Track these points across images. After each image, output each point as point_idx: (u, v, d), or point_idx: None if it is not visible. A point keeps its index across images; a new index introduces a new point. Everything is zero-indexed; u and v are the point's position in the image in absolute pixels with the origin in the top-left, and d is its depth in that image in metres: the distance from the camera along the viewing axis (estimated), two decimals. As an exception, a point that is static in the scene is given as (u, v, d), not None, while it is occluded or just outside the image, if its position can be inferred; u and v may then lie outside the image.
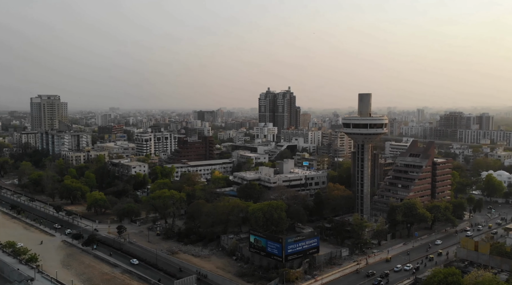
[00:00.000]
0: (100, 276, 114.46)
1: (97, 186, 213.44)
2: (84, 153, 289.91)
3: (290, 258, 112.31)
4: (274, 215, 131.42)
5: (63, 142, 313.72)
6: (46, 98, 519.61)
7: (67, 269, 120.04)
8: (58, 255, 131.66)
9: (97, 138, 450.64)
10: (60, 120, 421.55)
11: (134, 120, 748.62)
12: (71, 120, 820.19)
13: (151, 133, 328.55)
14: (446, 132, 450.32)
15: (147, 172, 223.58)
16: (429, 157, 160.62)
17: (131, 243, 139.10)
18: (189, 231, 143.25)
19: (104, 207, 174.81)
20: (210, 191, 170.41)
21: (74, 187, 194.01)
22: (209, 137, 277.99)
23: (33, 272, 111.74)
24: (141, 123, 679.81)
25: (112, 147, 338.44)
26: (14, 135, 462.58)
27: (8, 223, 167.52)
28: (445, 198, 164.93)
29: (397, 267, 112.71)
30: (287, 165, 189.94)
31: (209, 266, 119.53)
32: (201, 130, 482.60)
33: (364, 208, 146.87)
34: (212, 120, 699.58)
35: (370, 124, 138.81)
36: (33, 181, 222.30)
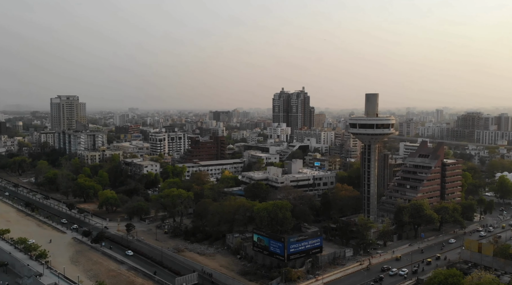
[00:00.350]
0: (107, 273, 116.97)
1: (110, 185, 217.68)
2: (99, 152, 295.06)
3: (293, 257, 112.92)
4: (279, 214, 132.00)
5: (79, 141, 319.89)
6: (65, 99, 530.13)
7: (75, 265, 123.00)
8: (67, 251, 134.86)
9: (113, 138, 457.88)
10: (77, 120, 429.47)
11: (151, 121, 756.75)
12: (90, 120, 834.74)
13: (165, 133, 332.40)
14: (463, 133, 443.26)
15: (158, 171, 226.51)
16: (438, 158, 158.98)
17: (139, 241, 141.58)
18: (196, 229, 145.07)
19: (115, 205, 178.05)
20: (218, 190, 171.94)
21: (87, 186, 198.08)
22: (220, 137, 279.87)
23: (42, 268, 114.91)
24: (158, 124, 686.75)
25: (127, 146, 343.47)
26: (33, 135, 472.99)
27: (23, 220, 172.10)
28: (455, 199, 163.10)
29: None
30: (295, 165, 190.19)
31: (213, 264, 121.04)
32: (215, 130, 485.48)
33: (371, 209, 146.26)
34: (228, 120, 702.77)
35: (376, 125, 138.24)
36: (49, 180, 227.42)
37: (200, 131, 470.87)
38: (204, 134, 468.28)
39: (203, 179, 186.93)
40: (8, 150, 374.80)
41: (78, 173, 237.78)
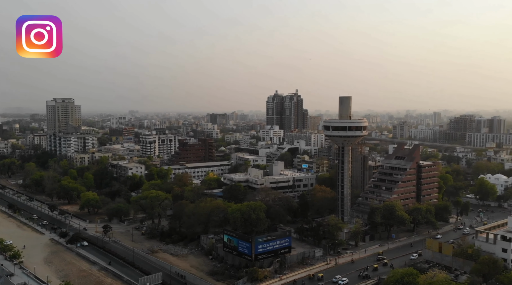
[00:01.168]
0: (77, 273, 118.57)
1: (95, 187, 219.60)
2: (88, 155, 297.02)
3: (260, 257, 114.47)
4: (252, 215, 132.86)
5: (69, 144, 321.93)
6: (60, 102, 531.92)
7: (48, 266, 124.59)
8: (43, 252, 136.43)
9: (107, 140, 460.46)
10: (68, 123, 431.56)
11: (148, 123, 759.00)
12: (88, 122, 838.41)
13: (156, 135, 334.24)
14: (455, 136, 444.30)
15: (143, 173, 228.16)
16: (414, 160, 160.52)
17: (115, 242, 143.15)
18: (172, 230, 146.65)
19: (96, 207, 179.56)
20: (198, 192, 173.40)
21: (70, 187, 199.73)
22: (208, 140, 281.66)
23: (14, 268, 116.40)
24: (154, 126, 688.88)
25: (118, 148, 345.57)
26: (27, 137, 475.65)
27: (4, 221, 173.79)
28: (432, 201, 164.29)
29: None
30: (276, 167, 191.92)
31: (183, 265, 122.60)
32: (209, 132, 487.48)
33: (345, 209, 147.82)
34: (224, 123, 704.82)
35: (349, 127, 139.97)
36: (35, 181, 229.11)
37: (194, 133, 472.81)
38: (198, 136, 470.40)
39: (185, 180, 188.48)
40: (0, 152, 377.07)
41: (66, 174, 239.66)
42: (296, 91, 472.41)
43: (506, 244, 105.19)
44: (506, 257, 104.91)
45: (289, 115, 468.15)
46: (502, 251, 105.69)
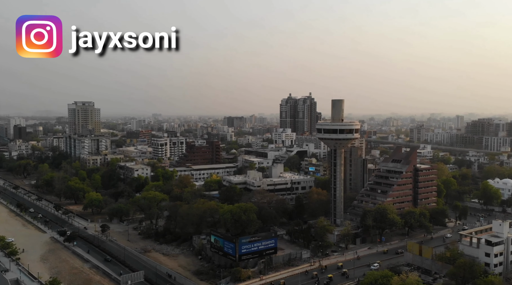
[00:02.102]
0: (69, 270, 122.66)
1: (103, 187, 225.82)
2: (100, 156, 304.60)
3: (245, 258, 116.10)
4: (243, 217, 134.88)
5: (83, 146, 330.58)
6: (81, 105, 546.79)
7: (43, 263, 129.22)
8: (41, 249, 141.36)
9: (123, 142, 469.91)
10: (82, 125, 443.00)
11: (167, 126, 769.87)
12: (110, 125, 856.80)
13: (167, 138, 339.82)
14: (472, 140, 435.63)
15: (149, 175, 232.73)
16: (410, 163, 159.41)
17: (111, 241, 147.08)
18: (166, 231, 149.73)
19: (99, 207, 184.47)
20: (197, 193, 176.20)
21: (77, 188, 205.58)
22: (215, 142, 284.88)
23: (9, 264, 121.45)
24: (173, 129, 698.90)
25: (131, 150, 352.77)
26: (47, 139, 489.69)
27: (11, 220, 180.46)
28: (430, 205, 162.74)
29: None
30: (275, 169, 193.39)
31: (172, 264, 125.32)
32: (224, 135, 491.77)
33: (337, 212, 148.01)
34: (241, 126, 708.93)
35: (339, 130, 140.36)
36: (46, 182, 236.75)
37: (209, 136, 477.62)
38: (211, 139, 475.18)
39: (185, 182, 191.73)
40: (20, 153, 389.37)
41: (77, 175, 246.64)
42: (310, 94, 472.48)
43: (489, 248, 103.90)
44: (489, 261, 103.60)
45: (302, 118, 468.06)
46: (485, 255, 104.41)
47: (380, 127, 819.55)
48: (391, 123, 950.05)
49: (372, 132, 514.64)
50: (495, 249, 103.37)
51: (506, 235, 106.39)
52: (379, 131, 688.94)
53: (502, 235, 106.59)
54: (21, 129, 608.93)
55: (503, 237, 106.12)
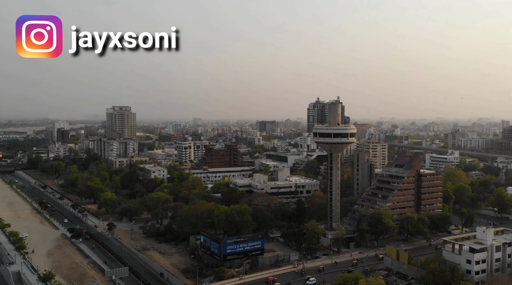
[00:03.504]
0: (69, 265, 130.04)
1: (121, 188, 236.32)
2: (127, 158, 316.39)
3: (230, 258, 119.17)
4: (236, 218, 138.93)
5: (111, 148, 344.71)
6: (118, 109, 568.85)
7: (48, 257, 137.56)
8: (49, 245, 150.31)
9: (153, 146, 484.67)
10: (112, 129, 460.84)
11: (202, 130, 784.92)
12: (148, 129, 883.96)
13: (191, 141, 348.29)
14: (508, 145, 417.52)
15: (165, 176, 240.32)
16: (412, 168, 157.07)
17: (115, 239, 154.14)
18: (167, 230, 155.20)
19: (112, 206, 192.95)
20: (203, 194, 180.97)
21: (95, 188, 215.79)
22: (233, 146, 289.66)
23: (15, 257, 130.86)
24: (207, 133, 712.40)
25: (158, 153, 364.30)
26: (84, 142, 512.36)
27: (31, 217, 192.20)
28: (434, 211, 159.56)
29: None
30: (282, 172, 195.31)
31: (164, 262, 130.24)
32: (252, 139, 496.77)
33: (333, 216, 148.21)
34: (273, 130, 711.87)
35: (334, 134, 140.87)
36: (70, 182, 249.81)
37: (236, 140, 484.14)
38: (239, 143, 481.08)
39: (195, 184, 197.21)
40: (56, 155, 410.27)
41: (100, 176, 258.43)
42: (338, 98, 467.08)
43: (470, 255, 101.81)
44: (470, 268, 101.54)
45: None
46: (466, 262, 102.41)
47: (418, 133, 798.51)
48: (431, 128, 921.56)
49: (403, 137, 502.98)
50: (476, 256, 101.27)
51: (490, 242, 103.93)
52: (416, 136, 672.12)
53: (486, 242, 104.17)
54: (64, 132, 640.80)
55: (487, 244, 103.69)
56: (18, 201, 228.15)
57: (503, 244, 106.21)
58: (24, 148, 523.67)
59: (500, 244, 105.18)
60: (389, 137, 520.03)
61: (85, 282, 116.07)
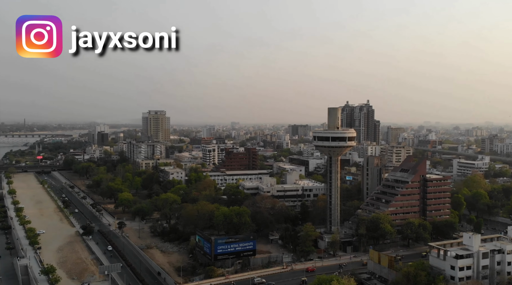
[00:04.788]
0: (74, 260, 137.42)
1: (142, 189, 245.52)
2: (153, 161, 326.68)
3: (220, 258, 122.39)
4: (234, 219, 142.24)
5: (140, 151, 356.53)
6: (153, 114, 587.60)
7: (57, 253, 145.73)
8: (62, 241, 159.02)
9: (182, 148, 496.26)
10: (142, 132, 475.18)
11: (235, 134, 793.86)
12: (183, 132, 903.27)
13: (215, 144, 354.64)
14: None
15: (183, 178, 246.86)
16: (416, 173, 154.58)
17: (123, 237, 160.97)
18: (171, 230, 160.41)
19: (128, 206, 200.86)
20: (212, 196, 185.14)
21: (115, 188, 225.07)
22: (252, 149, 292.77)
23: (31, 252, 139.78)
24: (239, 137, 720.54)
25: (184, 156, 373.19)
26: (119, 145, 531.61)
27: (53, 214, 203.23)
28: (441, 217, 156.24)
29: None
30: (291, 176, 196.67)
31: (162, 260, 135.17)
32: (280, 143, 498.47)
33: (333, 219, 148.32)
34: (305, 133, 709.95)
35: (331, 138, 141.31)
36: (96, 182, 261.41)
37: (264, 143, 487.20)
38: (266, 146, 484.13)
39: (206, 186, 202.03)
40: (91, 157, 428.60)
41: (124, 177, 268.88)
42: (367, 101, 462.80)
43: (454, 261, 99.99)
44: (454, 274, 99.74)
45: (358, 126, 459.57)
46: (450, 268, 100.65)
47: (458, 137, 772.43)
48: (474, 133, 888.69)
49: (437, 142, 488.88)
50: (460, 262, 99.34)
51: (476, 249, 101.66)
52: (455, 141, 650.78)
53: (472, 248, 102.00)
54: (104, 135, 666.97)
55: (473, 250, 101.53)
56: (46, 199, 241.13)
57: (492, 251, 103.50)
58: (65, 150, 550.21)
59: (488, 250, 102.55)
60: (422, 142, 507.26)
61: (84, 276, 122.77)
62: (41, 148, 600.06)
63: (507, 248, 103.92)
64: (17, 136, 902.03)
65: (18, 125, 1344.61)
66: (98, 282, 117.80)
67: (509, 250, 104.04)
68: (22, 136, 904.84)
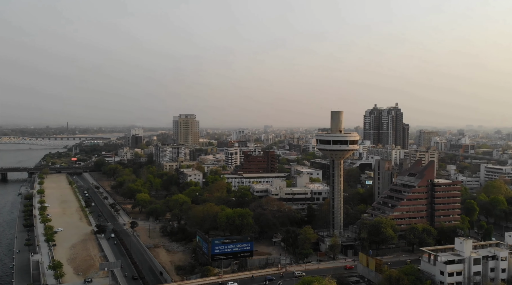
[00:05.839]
0: (84, 257, 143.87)
1: (162, 190, 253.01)
2: (176, 163, 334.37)
3: (217, 258, 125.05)
4: (236, 221, 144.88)
5: (165, 153, 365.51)
6: (183, 117, 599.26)
7: (70, 249, 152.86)
8: (77, 239, 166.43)
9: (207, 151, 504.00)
10: (168, 135, 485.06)
11: (265, 137, 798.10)
12: (214, 135, 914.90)
13: (237, 147, 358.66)
14: None
15: (201, 180, 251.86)
16: (423, 177, 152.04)
17: (134, 236, 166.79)
18: (179, 230, 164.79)
19: (145, 206, 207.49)
20: (222, 198, 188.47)
21: (135, 189, 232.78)
22: (270, 152, 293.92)
23: (41, 249, 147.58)
24: (268, 140, 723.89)
25: (208, 158, 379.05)
26: (149, 147, 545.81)
27: (74, 213, 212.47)
28: (450, 223, 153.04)
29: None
30: (301, 179, 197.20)
31: (165, 259, 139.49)
32: (306, 146, 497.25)
33: (336, 223, 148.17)
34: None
35: (333, 141, 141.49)
36: (119, 183, 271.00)
37: (290, 146, 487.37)
38: (292, 149, 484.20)
39: (219, 187, 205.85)
40: (121, 159, 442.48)
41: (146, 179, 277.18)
42: (396, 104, 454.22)
43: (443, 266, 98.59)
44: (443, 280, 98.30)
45: (386, 130, 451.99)
46: (440, 274, 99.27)
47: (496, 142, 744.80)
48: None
49: (469, 146, 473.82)
50: (449, 267, 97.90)
51: (468, 254, 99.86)
52: (493, 145, 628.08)
53: (463, 253, 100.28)
54: (138, 138, 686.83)
55: (464, 256, 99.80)
56: (71, 199, 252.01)
57: (485, 257, 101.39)
58: (100, 152, 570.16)
59: (480, 256, 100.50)
60: (454, 146, 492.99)
61: (89, 272, 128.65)
62: (77, 150, 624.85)
63: (501, 255, 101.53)
64: (60, 139, 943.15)
65: (62, 129, 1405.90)
66: (100, 278, 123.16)
67: (503, 256, 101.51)
68: (64, 139, 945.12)
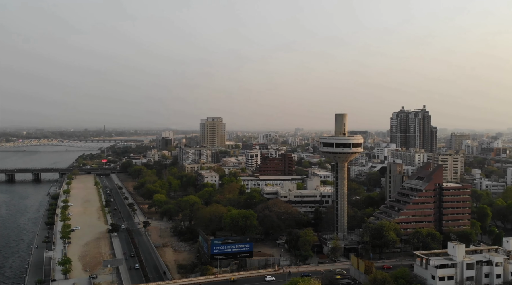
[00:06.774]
0: (94, 254, 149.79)
1: (180, 191, 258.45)
2: (197, 165, 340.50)
3: (217, 258, 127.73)
4: (240, 222, 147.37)
5: (187, 155, 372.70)
6: (210, 120, 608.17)
7: (83, 247, 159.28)
8: (92, 237, 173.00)
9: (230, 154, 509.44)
10: (190, 138, 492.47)
11: (292, 140, 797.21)
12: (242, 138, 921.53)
13: (258, 150, 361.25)
14: None
15: (217, 181, 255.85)
16: (431, 181, 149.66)
17: (146, 235, 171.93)
18: (187, 230, 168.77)
19: (161, 207, 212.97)
20: (232, 199, 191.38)
21: (153, 190, 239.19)
22: (288, 155, 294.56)
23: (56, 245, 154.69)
24: (294, 142, 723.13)
25: (230, 161, 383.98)
26: (176, 149, 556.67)
27: (94, 212, 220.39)
28: (459, 227, 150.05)
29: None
30: (311, 182, 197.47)
31: (170, 258, 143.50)
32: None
33: (340, 226, 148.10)
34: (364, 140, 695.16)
35: (336, 144, 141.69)
36: (140, 184, 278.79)
37: (314, 149, 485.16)
38: (316, 152, 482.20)
39: (230, 189, 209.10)
40: (148, 160, 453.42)
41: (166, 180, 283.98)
42: (424, 107, 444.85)
43: (434, 270, 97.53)
44: (434, 284, 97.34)
45: (413, 132, 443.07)
46: (431, 278, 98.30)
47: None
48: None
49: (501, 150, 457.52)
50: (440, 271, 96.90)
51: (460, 259, 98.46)
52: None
53: (455, 258, 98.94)
54: (168, 141, 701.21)
55: (456, 260, 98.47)
56: (94, 199, 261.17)
57: (479, 262, 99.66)
58: (130, 154, 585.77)
59: (473, 261, 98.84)
60: (485, 150, 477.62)
61: (96, 269, 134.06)
62: (109, 152, 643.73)
63: (495, 260, 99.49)
64: (96, 141, 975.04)
65: (99, 131, 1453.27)
66: (106, 275, 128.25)
67: (498, 261, 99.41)
68: (100, 141, 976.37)
